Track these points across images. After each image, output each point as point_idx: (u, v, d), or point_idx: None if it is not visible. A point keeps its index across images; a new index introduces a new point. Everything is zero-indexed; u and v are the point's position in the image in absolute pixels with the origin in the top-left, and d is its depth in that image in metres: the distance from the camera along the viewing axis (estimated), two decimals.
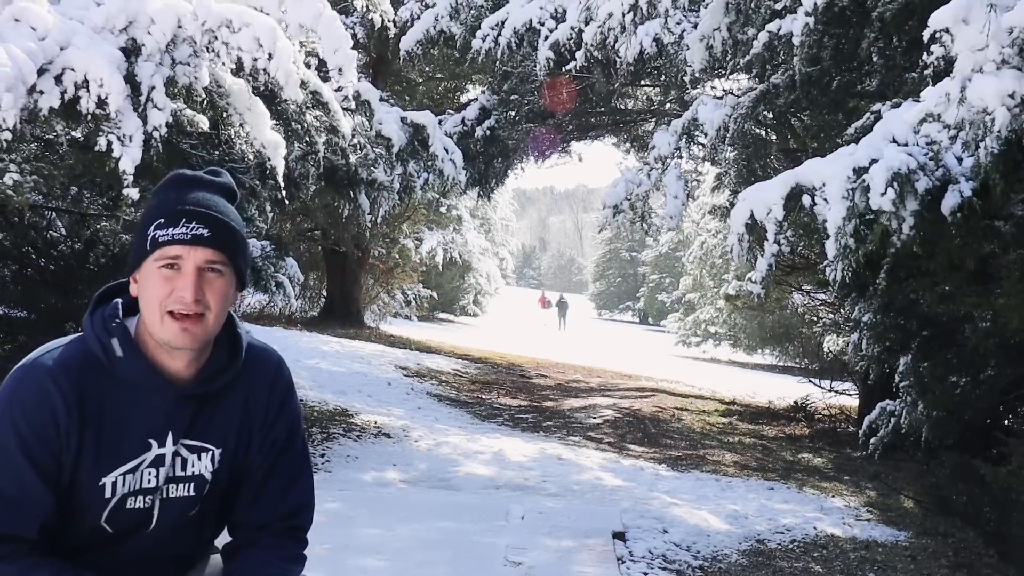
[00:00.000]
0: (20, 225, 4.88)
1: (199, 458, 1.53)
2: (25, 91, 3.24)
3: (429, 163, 7.00)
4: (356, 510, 4.45)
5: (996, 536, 4.38)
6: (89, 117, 3.46)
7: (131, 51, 3.60)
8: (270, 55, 3.83)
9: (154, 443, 1.48)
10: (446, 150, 7.16)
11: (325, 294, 16.93)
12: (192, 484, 1.54)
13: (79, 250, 5.15)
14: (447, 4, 9.09)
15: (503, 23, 8.61)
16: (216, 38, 3.74)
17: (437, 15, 9.09)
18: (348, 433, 6.85)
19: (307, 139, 4.81)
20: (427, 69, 11.61)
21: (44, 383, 1.41)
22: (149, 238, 1.44)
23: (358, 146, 5.67)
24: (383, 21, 6.23)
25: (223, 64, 3.89)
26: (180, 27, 3.64)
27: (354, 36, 7.77)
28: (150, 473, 1.49)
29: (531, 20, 8.42)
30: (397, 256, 17.34)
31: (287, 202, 5.65)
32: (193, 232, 1.43)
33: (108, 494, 1.46)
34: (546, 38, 8.19)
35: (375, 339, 14.37)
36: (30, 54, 3.25)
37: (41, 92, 3.33)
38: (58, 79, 3.38)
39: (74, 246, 5.20)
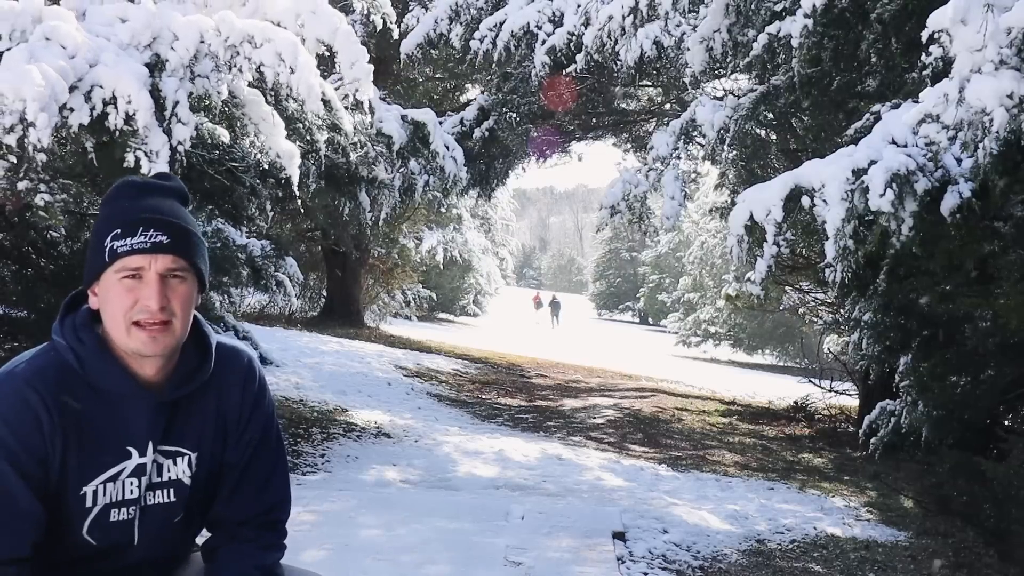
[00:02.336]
0: (20, 225, 4.89)
1: (175, 463, 1.52)
2: (57, 109, 3.26)
3: (430, 160, 6.99)
4: (356, 510, 4.46)
5: (996, 534, 4.38)
6: (117, 133, 3.48)
7: (155, 66, 3.65)
8: (292, 69, 3.91)
9: (134, 451, 1.47)
10: (447, 147, 7.15)
11: (325, 294, 16.94)
12: (172, 489, 1.52)
13: (79, 250, 5.15)
14: (447, 6, 9.08)
15: (501, 24, 8.59)
16: (238, 53, 3.80)
17: (437, 18, 9.08)
18: (348, 433, 6.86)
19: (308, 137, 4.83)
20: (427, 69, 11.61)
21: (24, 391, 1.39)
22: (107, 250, 1.41)
23: (359, 144, 5.67)
24: (385, 23, 6.22)
25: (243, 78, 3.95)
26: (203, 42, 3.70)
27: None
28: (131, 483, 1.48)
29: (528, 23, 8.39)
30: (397, 256, 17.34)
31: (298, 201, 5.68)
32: (152, 240, 1.41)
33: (89, 503, 1.45)
34: (543, 42, 8.17)
35: (375, 339, 14.38)
36: (61, 72, 3.29)
37: (72, 109, 3.36)
38: (87, 96, 3.42)
39: (74, 246, 5.20)
